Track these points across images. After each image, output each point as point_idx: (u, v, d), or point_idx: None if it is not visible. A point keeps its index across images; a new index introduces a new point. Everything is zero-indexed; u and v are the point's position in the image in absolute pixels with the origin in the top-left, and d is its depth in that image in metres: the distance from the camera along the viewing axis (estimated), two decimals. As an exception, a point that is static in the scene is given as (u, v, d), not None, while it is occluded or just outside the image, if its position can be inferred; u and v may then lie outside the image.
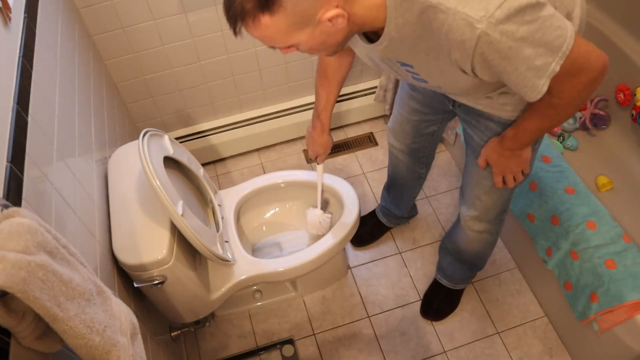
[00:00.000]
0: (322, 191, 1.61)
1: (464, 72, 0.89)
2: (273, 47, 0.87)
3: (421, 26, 0.85)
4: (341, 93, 2.15)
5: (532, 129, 1.08)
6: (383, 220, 1.91)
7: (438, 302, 1.73)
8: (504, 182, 1.25)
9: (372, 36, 0.96)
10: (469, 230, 1.46)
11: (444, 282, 1.72)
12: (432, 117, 1.41)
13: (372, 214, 1.94)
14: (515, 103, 1.09)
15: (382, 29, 0.88)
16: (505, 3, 0.78)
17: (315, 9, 0.79)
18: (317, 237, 1.61)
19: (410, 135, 1.50)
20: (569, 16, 1.00)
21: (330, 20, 0.80)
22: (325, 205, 1.66)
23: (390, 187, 1.79)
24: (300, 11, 0.78)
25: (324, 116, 1.37)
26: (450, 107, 1.30)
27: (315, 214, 1.60)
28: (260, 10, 0.76)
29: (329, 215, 1.62)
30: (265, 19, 0.78)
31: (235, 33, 0.81)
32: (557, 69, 0.85)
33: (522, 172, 1.23)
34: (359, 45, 1.00)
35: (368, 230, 1.92)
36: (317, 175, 1.57)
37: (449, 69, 0.91)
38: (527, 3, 0.79)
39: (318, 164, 1.54)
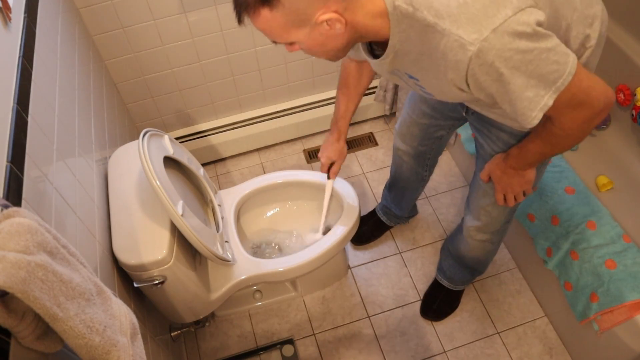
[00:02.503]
0: (327, 214, 1.56)
1: (462, 90, 0.89)
2: (275, 42, 0.89)
3: (421, 43, 0.85)
4: (341, 93, 2.16)
5: (534, 151, 1.07)
6: (383, 218, 1.91)
7: (438, 302, 1.73)
8: (505, 200, 1.25)
9: (378, 51, 0.97)
10: (470, 239, 1.46)
11: (444, 282, 1.72)
12: (442, 122, 1.40)
13: (372, 212, 1.94)
14: None
15: (387, 39, 0.89)
16: (501, 27, 0.77)
17: (312, 9, 0.80)
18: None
19: (418, 138, 1.50)
20: (586, 37, 0.98)
21: (327, 23, 0.82)
22: (327, 231, 1.58)
23: (392, 186, 1.79)
24: (297, 10, 0.80)
25: (342, 123, 1.38)
26: (464, 114, 1.29)
27: (315, 240, 1.56)
28: (261, 3, 0.80)
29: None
30: (265, 13, 0.81)
31: (239, 22, 0.84)
32: (550, 102, 0.84)
33: (524, 193, 1.22)
34: (368, 59, 1.01)
35: (368, 229, 1.92)
36: (325, 194, 1.52)
37: (449, 88, 0.91)
38: (522, 31, 0.78)
39: (329, 177, 1.49)
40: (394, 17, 0.84)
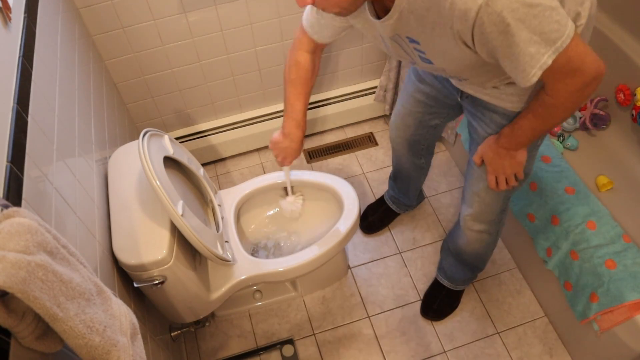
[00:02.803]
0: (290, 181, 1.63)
1: (466, 45, 0.91)
2: None
3: None
4: (341, 93, 2.17)
5: (526, 127, 1.09)
6: (393, 207, 1.94)
7: (439, 302, 1.73)
8: (497, 184, 1.26)
9: (382, 14, 0.99)
10: (467, 230, 1.47)
11: (444, 282, 1.72)
12: (436, 110, 1.42)
13: (381, 200, 1.97)
14: (521, 93, 1.11)
15: (392, 3, 0.91)
16: None
17: None
18: (297, 224, 1.69)
19: (411, 128, 1.52)
20: (577, 15, 1.00)
21: None
22: (292, 190, 1.66)
23: (397, 177, 1.82)
24: None
25: (303, 123, 1.35)
26: (458, 99, 1.30)
27: (287, 202, 1.64)
28: None
29: (300, 197, 1.65)
30: None
31: None
32: (549, 62, 0.87)
33: (516, 178, 1.24)
34: (370, 24, 1.02)
35: (378, 218, 1.95)
36: (285, 173, 1.59)
37: (452, 47, 0.93)
38: None
39: (285, 165, 1.48)
40: None
